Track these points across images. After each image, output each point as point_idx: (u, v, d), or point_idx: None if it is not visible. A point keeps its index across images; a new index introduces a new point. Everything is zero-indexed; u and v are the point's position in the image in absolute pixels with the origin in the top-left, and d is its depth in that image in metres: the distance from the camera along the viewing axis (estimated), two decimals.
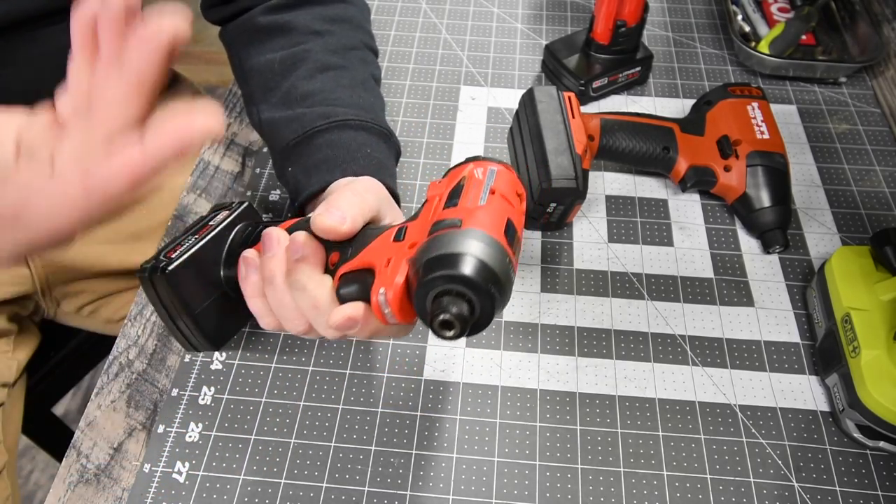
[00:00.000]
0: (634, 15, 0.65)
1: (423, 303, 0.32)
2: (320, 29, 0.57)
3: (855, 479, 0.46)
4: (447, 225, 0.33)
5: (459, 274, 0.31)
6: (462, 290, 0.31)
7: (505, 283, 0.32)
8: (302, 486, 0.45)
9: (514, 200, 0.36)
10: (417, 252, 0.33)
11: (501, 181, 0.36)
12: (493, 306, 0.32)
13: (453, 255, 0.31)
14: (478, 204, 0.34)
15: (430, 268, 0.31)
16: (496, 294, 0.31)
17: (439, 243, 0.32)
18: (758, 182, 0.56)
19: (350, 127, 0.51)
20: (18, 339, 0.67)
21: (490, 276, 0.31)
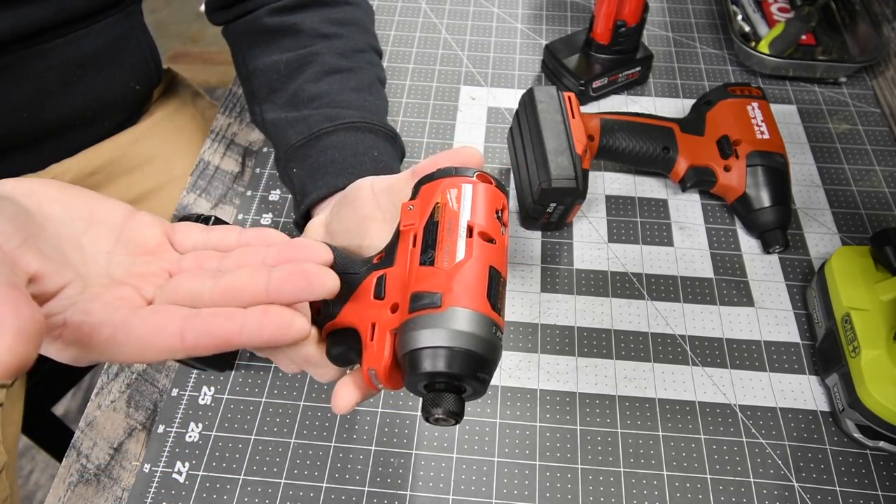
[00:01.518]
0: (634, 15, 0.65)
1: (414, 389, 0.32)
2: (328, 32, 0.57)
3: (855, 479, 0.46)
4: (426, 304, 0.31)
5: (445, 372, 0.30)
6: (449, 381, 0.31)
7: (493, 360, 0.31)
8: (302, 486, 0.45)
9: (494, 229, 0.33)
10: (400, 333, 0.32)
11: (477, 205, 0.34)
12: (484, 386, 0.31)
13: (435, 350, 0.30)
14: (455, 261, 0.32)
15: (414, 362, 0.31)
16: (486, 377, 0.31)
17: (420, 332, 0.31)
18: (758, 182, 0.56)
19: (357, 129, 0.51)
20: None
21: (477, 363, 0.30)
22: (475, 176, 0.35)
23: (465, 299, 0.31)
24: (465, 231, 0.33)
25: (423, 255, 0.33)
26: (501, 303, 0.32)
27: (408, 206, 0.35)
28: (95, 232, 0.34)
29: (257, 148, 0.66)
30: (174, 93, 0.77)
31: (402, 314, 0.32)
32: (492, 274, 0.32)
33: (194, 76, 0.83)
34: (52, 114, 0.60)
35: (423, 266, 0.32)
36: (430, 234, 0.33)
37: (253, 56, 0.58)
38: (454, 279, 0.31)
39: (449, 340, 0.30)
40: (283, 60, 0.56)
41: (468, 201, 0.34)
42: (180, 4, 2.11)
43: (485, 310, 0.31)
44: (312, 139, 0.51)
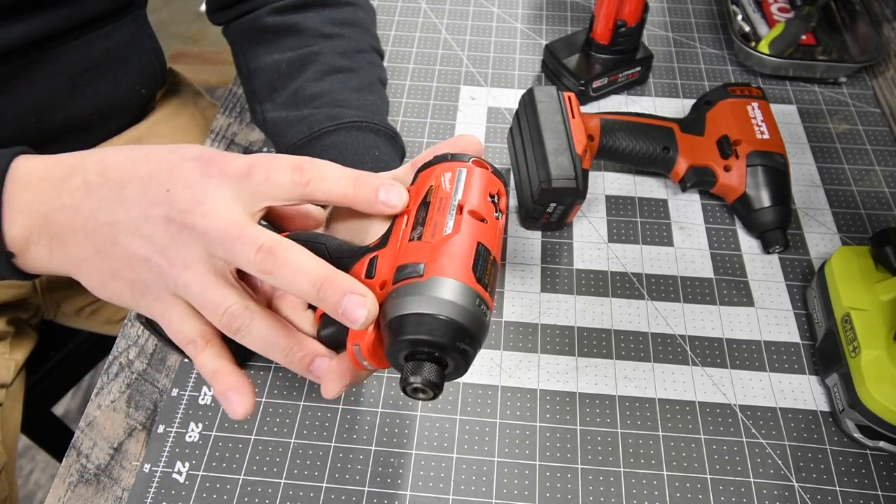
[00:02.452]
0: (634, 15, 0.65)
1: (395, 362, 0.31)
2: (330, 32, 0.57)
3: (855, 479, 0.46)
4: (409, 274, 0.31)
5: (424, 339, 0.29)
6: (430, 351, 0.30)
7: (477, 332, 0.31)
8: (302, 486, 0.45)
9: (486, 209, 0.33)
10: (384, 304, 0.32)
11: (471, 187, 0.34)
12: (466, 359, 0.31)
13: (415, 316, 0.30)
14: (442, 235, 0.32)
15: (394, 330, 0.30)
16: (468, 349, 0.30)
17: (401, 300, 0.30)
18: (758, 182, 0.56)
19: (358, 128, 0.51)
20: (16, 340, 0.67)
21: (459, 332, 0.30)
22: (471, 161, 0.35)
23: (447, 269, 0.31)
24: (455, 209, 0.33)
25: (412, 231, 0.33)
26: (490, 280, 0.32)
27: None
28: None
29: (257, 148, 0.66)
30: (175, 93, 0.77)
31: (388, 288, 0.32)
32: (479, 250, 0.32)
33: (194, 76, 0.83)
34: (60, 117, 0.60)
35: (411, 242, 0.33)
36: (421, 213, 0.33)
37: (254, 55, 0.58)
38: (439, 251, 0.31)
39: (429, 307, 0.30)
40: (285, 59, 0.56)
41: (461, 183, 0.34)
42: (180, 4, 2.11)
43: (468, 281, 0.31)
44: (313, 138, 0.51)
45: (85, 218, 0.35)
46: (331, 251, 0.36)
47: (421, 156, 0.38)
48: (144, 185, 0.34)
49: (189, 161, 0.35)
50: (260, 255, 0.32)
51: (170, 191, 0.34)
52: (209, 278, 0.34)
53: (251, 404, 0.35)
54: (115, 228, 0.34)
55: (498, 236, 0.34)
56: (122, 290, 0.36)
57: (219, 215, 0.33)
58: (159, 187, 0.34)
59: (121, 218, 0.34)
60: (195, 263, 0.33)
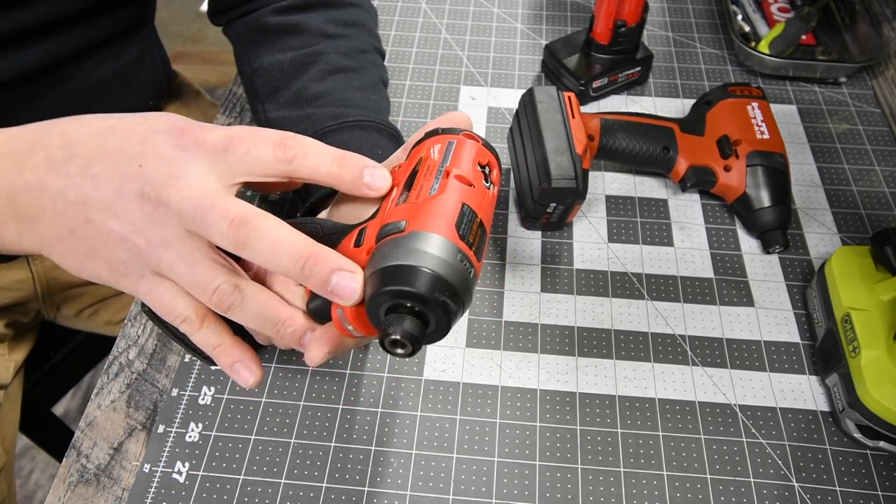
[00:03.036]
0: (634, 15, 0.65)
1: (376, 319, 0.31)
2: (333, 32, 0.58)
3: (855, 479, 0.46)
4: (390, 230, 0.31)
5: (403, 290, 0.29)
6: (410, 304, 0.29)
7: (459, 287, 0.30)
8: (302, 486, 0.45)
9: (473, 176, 0.33)
10: (367, 263, 0.31)
11: (460, 157, 0.33)
12: (447, 315, 0.30)
13: (396, 267, 0.29)
14: (427, 195, 0.31)
15: (375, 283, 0.30)
16: (449, 302, 0.29)
17: (382, 254, 0.30)
18: (758, 182, 0.56)
19: (361, 128, 0.51)
20: (14, 341, 0.67)
21: (439, 284, 0.29)
22: (461, 134, 0.35)
23: (429, 224, 0.30)
24: (441, 174, 0.33)
25: (400, 196, 0.33)
26: (475, 240, 0.32)
27: (396, 167, 0.36)
28: None
29: None
30: (175, 93, 0.77)
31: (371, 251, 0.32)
32: (464, 210, 0.31)
33: (194, 76, 0.83)
34: None
35: (398, 206, 0.33)
36: (409, 181, 0.34)
37: (256, 55, 0.58)
38: (422, 209, 0.31)
39: (408, 259, 0.29)
40: (287, 59, 0.56)
41: (450, 153, 0.34)
42: (180, 4, 2.11)
43: (450, 236, 0.30)
44: (316, 137, 0.51)
45: (53, 196, 0.33)
46: (324, 230, 0.36)
47: (413, 136, 0.38)
48: (115, 161, 0.33)
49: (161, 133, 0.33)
50: (233, 228, 0.31)
51: (142, 166, 0.32)
52: (194, 256, 0.33)
53: (260, 372, 0.35)
54: (87, 207, 0.33)
55: (487, 203, 0.34)
56: (100, 270, 0.34)
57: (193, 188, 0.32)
58: (131, 162, 0.32)
59: (92, 196, 0.32)
60: (176, 241, 0.32)
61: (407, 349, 0.29)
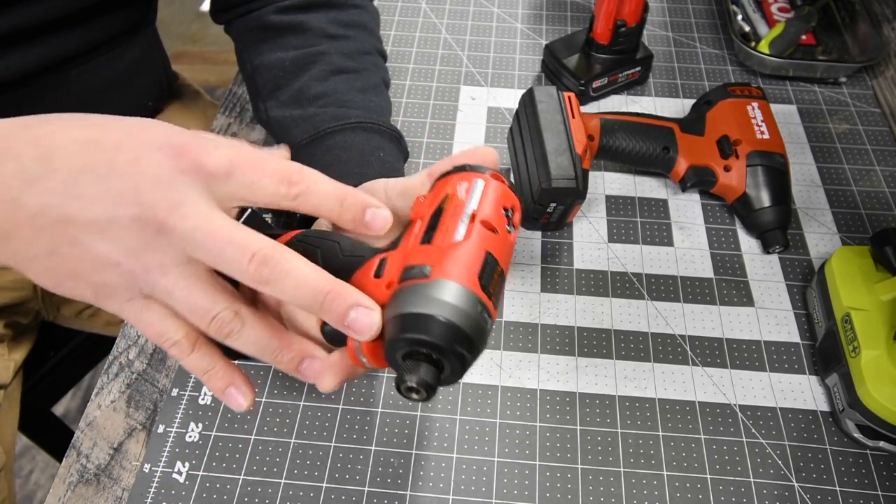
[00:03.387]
0: (634, 15, 0.65)
1: (392, 360, 0.31)
2: (335, 33, 0.57)
3: (855, 479, 0.46)
4: (415, 274, 0.31)
5: (423, 339, 0.29)
6: (427, 351, 0.30)
7: (476, 339, 0.30)
8: (302, 486, 0.45)
9: (498, 221, 0.34)
10: (387, 303, 0.32)
11: (486, 198, 0.34)
12: (462, 364, 0.30)
13: (417, 315, 0.30)
14: (452, 241, 0.32)
15: (396, 328, 0.30)
16: (465, 353, 0.30)
17: (405, 298, 0.31)
18: (758, 182, 0.56)
19: (363, 129, 0.51)
20: (13, 341, 0.67)
21: (458, 336, 0.30)
22: (489, 174, 0.35)
23: (453, 273, 0.31)
24: (467, 217, 0.33)
25: (424, 235, 0.33)
26: (495, 290, 0.32)
27: (420, 198, 0.36)
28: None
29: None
30: (175, 93, 0.77)
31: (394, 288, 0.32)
32: (488, 259, 0.32)
33: (194, 76, 0.83)
34: None
35: (422, 245, 0.33)
36: (434, 219, 0.34)
37: (258, 52, 0.58)
38: (447, 255, 0.31)
39: (430, 308, 0.30)
40: (289, 58, 0.56)
41: (477, 194, 0.34)
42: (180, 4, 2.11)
43: (472, 287, 0.31)
44: (318, 138, 0.51)
45: (31, 213, 0.30)
46: (343, 250, 0.36)
47: (438, 164, 0.38)
48: (104, 179, 0.30)
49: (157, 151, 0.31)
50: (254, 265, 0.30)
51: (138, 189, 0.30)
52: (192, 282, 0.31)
53: (252, 395, 0.35)
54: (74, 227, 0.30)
55: (508, 249, 0.34)
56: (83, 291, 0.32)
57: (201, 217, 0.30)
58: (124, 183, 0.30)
59: (79, 216, 0.30)
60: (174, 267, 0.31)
61: (422, 395, 0.30)
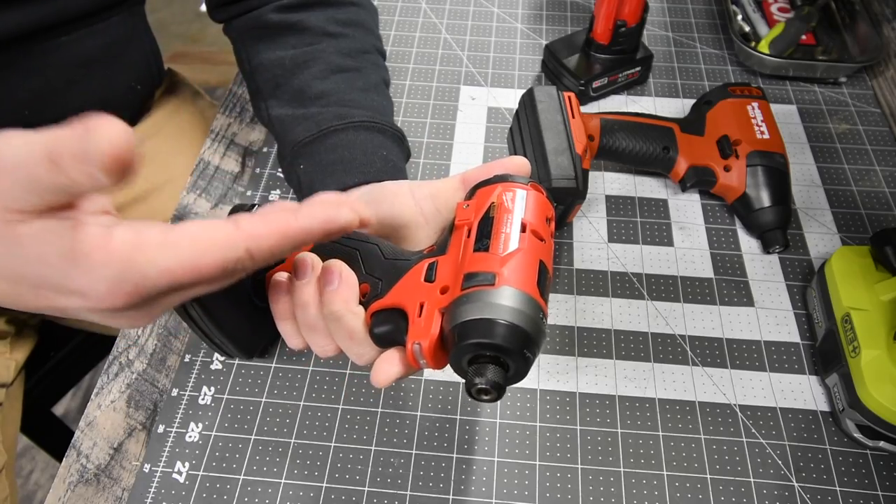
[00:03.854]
0: (634, 15, 0.65)
1: (458, 363, 0.33)
2: (334, 31, 0.58)
3: (855, 479, 0.46)
4: (480, 281, 0.33)
5: (494, 343, 0.31)
6: (496, 355, 0.32)
7: (539, 341, 0.32)
8: (302, 486, 0.45)
9: (544, 231, 0.35)
10: (450, 308, 0.33)
11: (531, 209, 0.36)
12: (527, 366, 0.33)
13: (487, 321, 0.31)
14: (509, 250, 0.34)
15: (465, 333, 0.32)
16: (530, 354, 0.32)
17: (472, 305, 0.32)
18: (758, 182, 0.56)
19: (366, 128, 0.51)
20: (16, 340, 0.67)
21: (524, 339, 0.32)
22: (529, 184, 0.37)
23: (517, 281, 0.32)
24: (519, 226, 0.35)
25: (477, 242, 0.35)
26: (547, 295, 0.34)
27: (463, 204, 0.38)
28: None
29: (257, 148, 0.66)
30: (174, 92, 0.77)
31: (453, 293, 0.34)
32: (541, 267, 0.34)
33: (194, 76, 0.83)
34: (55, 113, 0.60)
35: (478, 252, 0.34)
36: (485, 226, 0.35)
37: (256, 52, 0.58)
38: (507, 263, 0.33)
39: (501, 314, 0.31)
40: (288, 56, 0.56)
41: (522, 203, 0.36)
42: (180, 4, 2.11)
43: (534, 293, 0.33)
44: (321, 136, 0.51)
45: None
46: (384, 253, 0.38)
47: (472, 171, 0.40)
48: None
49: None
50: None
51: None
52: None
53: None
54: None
55: (552, 256, 0.37)
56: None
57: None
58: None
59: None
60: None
61: (492, 395, 0.32)
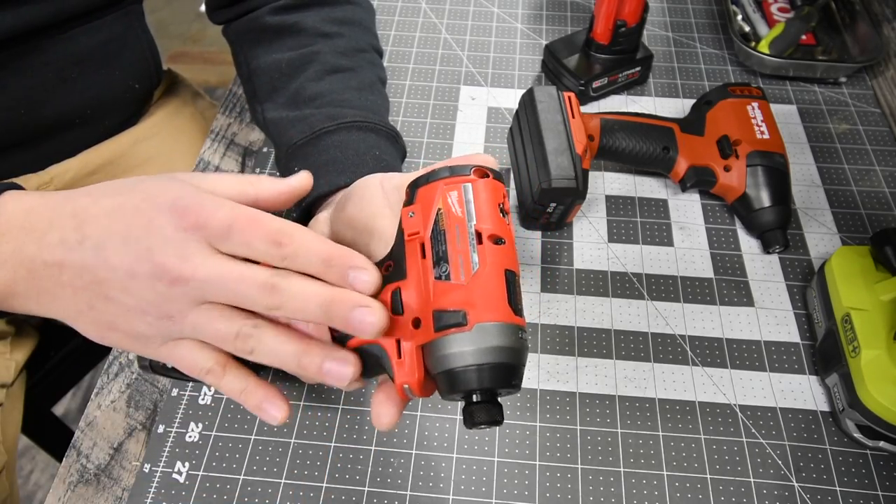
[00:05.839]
0: (634, 15, 0.65)
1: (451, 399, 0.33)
2: (329, 31, 0.57)
3: (855, 479, 0.46)
4: (451, 323, 0.31)
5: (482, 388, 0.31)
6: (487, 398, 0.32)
7: (523, 361, 0.32)
8: (302, 486, 0.45)
9: (501, 229, 0.33)
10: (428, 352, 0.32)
11: (481, 206, 0.33)
12: (518, 388, 0.33)
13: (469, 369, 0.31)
14: (471, 273, 0.32)
15: (451, 384, 0.32)
16: (518, 381, 0.32)
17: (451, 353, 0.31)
18: (758, 182, 0.56)
19: (358, 128, 0.51)
20: (16, 340, 0.67)
21: (510, 372, 0.31)
22: (472, 172, 0.34)
23: (489, 313, 0.31)
24: (474, 238, 0.32)
25: (436, 267, 0.33)
26: (520, 302, 0.33)
27: (408, 212, 0.35)
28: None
29: (257, 148, 0.66)
30: (174, 93, 0.77)
31: (426, 332, 0.32)
32: (508, 277, 0.32)
33: (194, 76, 0.83)
34: (51, 111, 0.60)
35: (440, 281, 0.32)
36: (438, 244, 0.33)
37: (254, 55, 0.58)
38: (474, 293, 0.31)
39: (481, 358, 0.31)
40: (285, 59, 0.56)
41: (471, 203, 0.33)
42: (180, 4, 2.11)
43: (509, 318, 0.31)
44: (314, 138, 0.51)
45: (71, 276, 0.35)
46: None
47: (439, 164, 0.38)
48: (124, 243, 0.34)
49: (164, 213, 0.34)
50: (265, 294, 0.33)
51: (150, 249, 0.34)
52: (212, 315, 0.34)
53: (287, 407, 0.36)
54: (104, 286, 0.34)
55: (514, 250, 0.34)
56: (121, 341, 0.36)
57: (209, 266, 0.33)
58: (139, 244, 0.34)
59: (107, 277, 0.34)
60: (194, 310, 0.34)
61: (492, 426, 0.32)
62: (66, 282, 0.35)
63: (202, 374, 0.36)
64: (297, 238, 0.34)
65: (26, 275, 0.36)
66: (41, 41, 0.56)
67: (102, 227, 0.35)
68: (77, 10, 0.58)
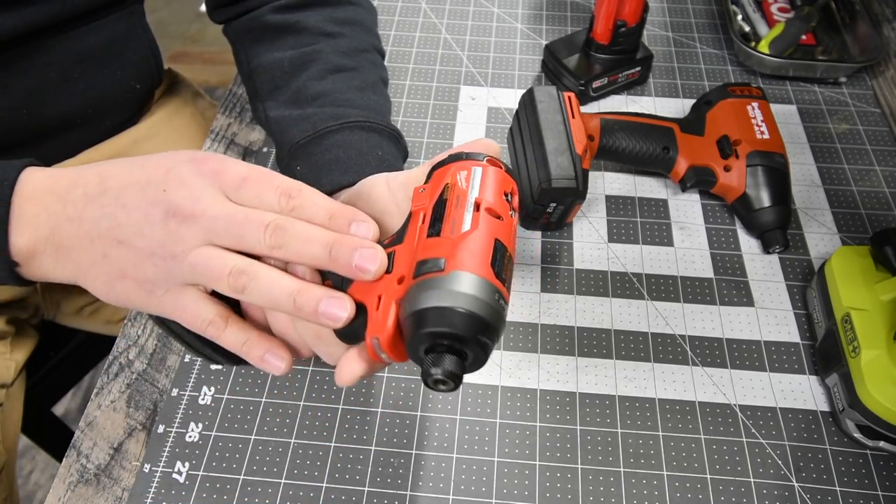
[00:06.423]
0: (634, 15, 0.65)
1: (415, 355, 0.32)
2: (331, 31, 0.57)
3: (855, 479, 0.46)
4: (430, 269, 0.31)
5: (446, 331, 0.30)
6: (451, 343, 0.31)
7: (496, 325, 0.31)
8: (302, 486, 0.45)
9: (502, 207, 0.34)
10: (404, 298, 0.32)
11: (487, 185, 0.34)
12: (485, 352, 0.31)
13: (439, 309, 0.30)
14: (461, 231, 0.32)
15: (418, 323, 0.31)
16: (487, 340, 0.31)
17: (423, 294, 0.31)
18: (758, 182, 0.56)
19: (361, 128, 0.51)
20: (16, 340, 0.67)
21: (479, 325, 0.30)
22: (485, 160, 0.36)
23: (468, 264, 0.31)
24: (472, 206, 0.33)
25: (430, 228, 0.34)
26: (507, 275, 0.33)
27: (419, 189, 0.37)
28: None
29: (257, 148, 0.66)
30: (174, 93, 0.77)
31: (407, 282, 0.33)
32: (497, 246, 0.33)
33: (194, 76, 0.83)
34: (53, 111, 0.60)
35: (430, 238, 0.33)
36: (438, 210, 0.34)
37: (255, 53, 0.58)
38: (458, 246, 0.32)
39: (450, 301, 0.30)
40: (287, 58, 0.56)
41: (477, 181, 0.34)
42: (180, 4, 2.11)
43: (487, 275, 0.31)
44: (317, 137, 0.51)
45: (89, 225, 0.36)
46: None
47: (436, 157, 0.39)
48: (143, 189, 0.36)
49: (184, 163, 0.36)
50: (269, 233, 0.34)
51: (166, 190, 0.35)
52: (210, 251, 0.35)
53: (289, 357, 0.37)
54: (119, 231, 0.36)
55: (513, 233, 0.35)
56: (129, 291, 0.37)
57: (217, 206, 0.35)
58: (156, 188, 0.36)
59: (123, 221, 0.36)
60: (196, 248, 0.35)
61: (449, 385, 0.31)
62: (84, 233, 0.36)
63: (204, 326, 0.36)
64: (305, 192, 0.36)
65: (49, 232, 0.37)
66: (44, 41, 0.56)
67: (124, 178, 0.37)
68: (80, 9, 0.58)
